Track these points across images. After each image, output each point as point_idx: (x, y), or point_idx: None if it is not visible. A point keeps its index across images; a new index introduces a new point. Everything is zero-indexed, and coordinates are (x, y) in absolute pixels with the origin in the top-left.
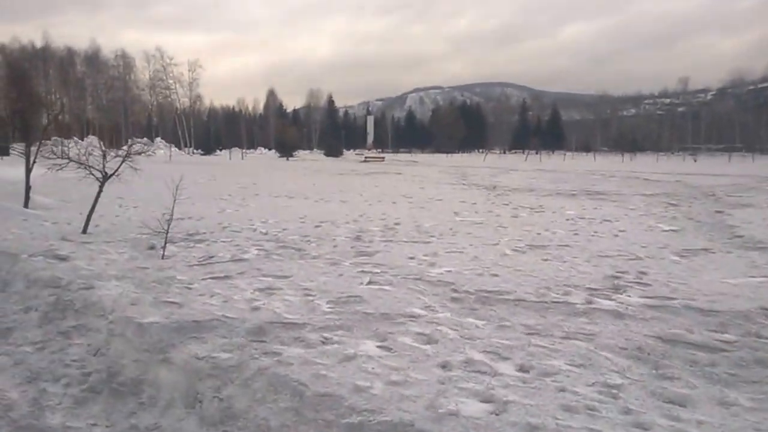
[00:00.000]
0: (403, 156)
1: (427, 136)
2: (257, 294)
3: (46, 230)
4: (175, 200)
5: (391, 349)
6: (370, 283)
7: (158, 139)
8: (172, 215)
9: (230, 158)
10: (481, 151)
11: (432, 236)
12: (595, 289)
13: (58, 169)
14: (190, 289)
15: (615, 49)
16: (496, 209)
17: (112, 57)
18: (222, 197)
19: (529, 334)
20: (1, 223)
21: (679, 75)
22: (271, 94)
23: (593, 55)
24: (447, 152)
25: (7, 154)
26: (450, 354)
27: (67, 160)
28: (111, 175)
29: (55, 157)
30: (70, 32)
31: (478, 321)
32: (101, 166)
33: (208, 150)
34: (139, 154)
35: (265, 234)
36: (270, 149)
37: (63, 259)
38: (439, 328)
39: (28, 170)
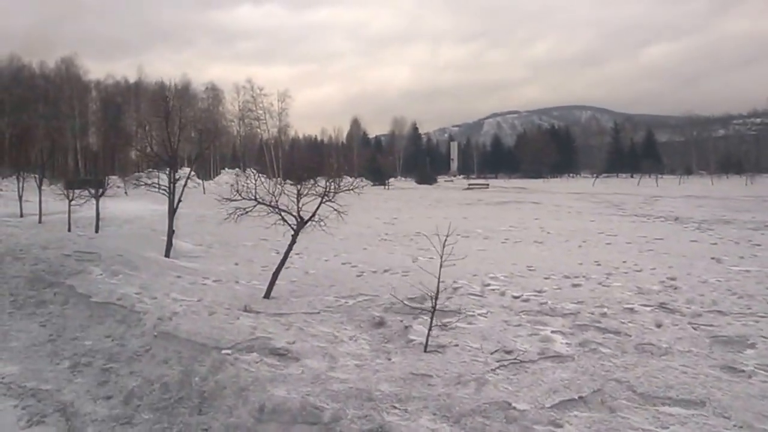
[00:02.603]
0: (496, 182)
1: (512, 161)
2: None
3: (216, 295)
4: (443, 260)
5: None
6: None
7: (249, 170)
8: (438, 285)
9: None
10: (571, 175)
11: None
12: None
13: (242, 213)
14: None
15: (698, 70)
16: (755, 252)
17: (202, 89)
18: (382, 238)
19: None
20: (156, 285)
21: None
22: (355, 123)
23: (676, 76)
24: (536, 177)
25: (102, 187)
26: None
27: (254, 201)
28: (308, 219)
29: (239, 197)
30: (160, 70)
31: None
32: (295, 208)
33: (297, 179)
34: (350, 190)
35: (526, 301)
36: (354, 178)
37: (283, 354)
38: None
39: (173, 211)
